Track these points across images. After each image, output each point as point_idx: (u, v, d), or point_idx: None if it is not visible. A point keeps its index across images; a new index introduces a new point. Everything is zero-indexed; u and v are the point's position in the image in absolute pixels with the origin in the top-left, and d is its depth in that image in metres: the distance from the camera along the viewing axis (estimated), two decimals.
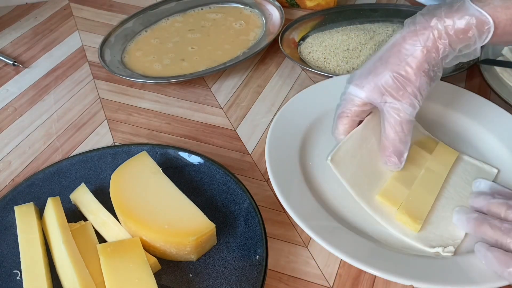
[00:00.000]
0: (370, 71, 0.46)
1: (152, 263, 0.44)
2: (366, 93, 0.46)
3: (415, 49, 0.44)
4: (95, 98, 0.68)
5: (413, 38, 0.44)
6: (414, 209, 0.47)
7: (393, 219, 0.47)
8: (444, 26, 0.43)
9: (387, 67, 0.45)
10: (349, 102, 0.47)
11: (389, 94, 0.45)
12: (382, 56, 0.46)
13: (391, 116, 0.46)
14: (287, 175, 0.50)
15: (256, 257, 0.44)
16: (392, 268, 0.42)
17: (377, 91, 0.45)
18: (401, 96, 0.45)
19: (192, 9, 0.83)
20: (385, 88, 0.45)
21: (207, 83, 0.70)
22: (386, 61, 0.45)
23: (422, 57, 0.44)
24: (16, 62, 0.73)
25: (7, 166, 0.58)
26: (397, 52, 0.45)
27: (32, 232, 0.45)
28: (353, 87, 0.47)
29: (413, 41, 0.44)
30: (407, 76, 0.44)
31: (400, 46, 0.45)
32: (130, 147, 0.54)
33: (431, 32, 0.43)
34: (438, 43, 0.43)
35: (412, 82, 0.44)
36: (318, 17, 0.79)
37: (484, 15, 0.42)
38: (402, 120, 0.45)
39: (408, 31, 0.45)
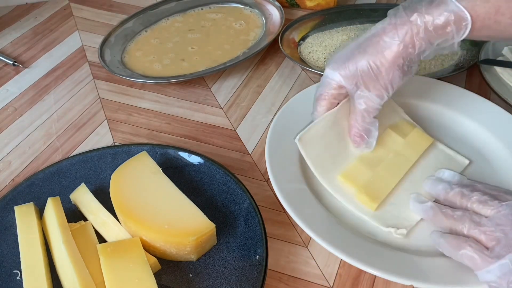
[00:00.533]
0: (348, 57, 0.47)
1: (152, 263, 0.44)
2: (341, 78, 0.47)
3: (392, 42, 0.45)
4: (95, 98, 0.68)
5: (392, 31, 0.45)
6: (373, 189, 0.48)
7: (353, 197, 0.49)
8: (423, 21, 0.44)
9: (364, 56, 0.46)
10: (326, 85, 0.49)
11: (362, 83, 0.47)
12: (361, 44, 0.47)
13: (359, 103, 0.47)
14: (287, 175, 0.50)
15: (256, 257, 0.44)
16: (392, 268, 0.42)
17: (351, 77, 0.47)
18: (372, 86, 0.46)
19: (192, 9, 0.83)
20: (359, 76, 0.46)
21: (207, 83, 0.70)
22: (364, 50, 0.46)
23: (398, 51, 0.45)
24: (16, 62, 0.73)
25: (7, 166, 0.58)
26: (376, 43, 0.46)
27: (32, 232, 0.45)
28: (330, 70, 0.48)
29: (392, 35, 0.45)
30: (381, 68, 0.46)
31: (379, 37, 0.46)
32: (130, 147, 0.54)
33: (410, 28, 0.44)
34: (416, 39, 0.44)
35: (385, 75, 0.46)
36: (318, 17, 0.79)
37: (462, 11, 0.43)
38: (369, 108, 0.47)
39: (389, 23, 0.46)
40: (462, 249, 0.40)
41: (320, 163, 0.49)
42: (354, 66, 0.46)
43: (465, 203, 0.44)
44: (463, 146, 0.55)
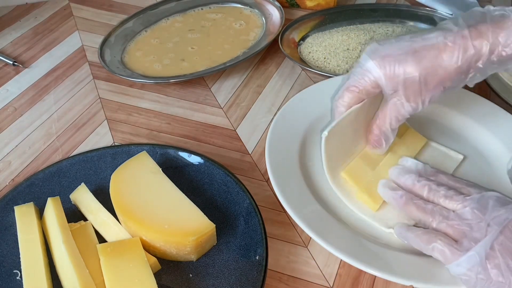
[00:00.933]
0: (398, 59, 0.44)
1: (152, 263, 0.44)
2: (383, 77, 0.44)
3: (450, 64, 0.43)
4: (95, 98, 0.68)
5: (453, 52, 0.42)
6: (375, 190, 0.48)
7: (354, 197, 0.49)
8: (487, 51, 0.42)
9: (417, 66, 0.43)
10: (363, 77, 0.45)
11: (403, 91, 0.44)
12: (417, 52, 0.43)
13: (392, 108, 0.46)
14: (287, 175, 0.50)
15: (256, 257, 0.44)
16: (392, 268, 0.42)
17: (395, 82, 0.44)
18: (412, 98, 0.45)
19: (192, 9, 0.83)
20: (403, 83, 0.44)
21: (207, 83, 0.70)
22: (420, 60, 0.43)
23: (452, 75, 0.43)
24: (16, 62, 0.73)
25: (7, 166, 0.58)
26: (433, 57, 0.43)
27: (32, 232, 0.45)
28: (373, 64, 0.44)
29: (452, 55, 0.42)
30: (429, 84, 0.44)
31: (438, 51, 0.43)
32: (130, 147, 0.54)
33: (472, 54, 0.42)
34: (472, 67, 0.43)
35: (429, 91, 0.44)
36: (318, 17, 0.79)
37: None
38: (399, 117, 0.46)
39: (452, 40, 0.43)
40: (432, 243, 0.41)
41: (332, 160, 0.49)
42: (402, 71, 0.43)
43: (432, 197, 0.44)
44: (462, 145, 0.55)
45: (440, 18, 0.78)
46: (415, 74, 0.43)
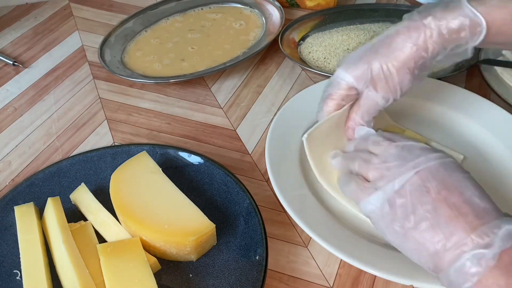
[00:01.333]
0: (360, 58, 0.47)
1: (152, 263, 0.44)
2: (352, 78, 0.47)
3: (405, 44, 0.45)
4: (95, 98, 0.68)
5: (405, 34, 0.45)
6: None
7: None
8: (437, 25, 0.44)
9: (375, 56, 0.46)
10: (336, 85, 0.48)
11: (371, 83, 0.46)
12: (374, 45, 0.47)
13: (364, 101, 0.47)
14: (287, 175, 0.50)
15: (256, 257, 0.44)
16: (392, 268, 0.42)
17: (362, 77, 0.46)
18: (380, 87, 0.46)
19: (192, 9, 0.83)
20: (369, 76, 0.46)
21: (207, 83, 0.70)
22: (376, 51, 0.46)
23: (410, 54, 0.45)
24: (16, 62, 0.73)
25: (7, 166, 0.58)
26: (388, 44, 0.46)
27: (32, 232, 0.45)
28: (341, 70, 0.48)
29: (405, 37, 0.45)
30: (391, 69, 0.45)
31: (392, 39, 0.46)
32: (130, 147, 0.54)
33: (423, 31, 0.44)
34: (429, 42, 0.44)
35: (395, 77, 0.46)
36: (318, 17, 0.79)
37: (478, 16, 0.42)
38: (371, 108, 0.47)
39: (402, 26, 0.46)
40: (348, 185, 0.43)
41: (321, 163, 0.49)
42: (365, 66, 0.46)
43: (364, 145, 0.45)
44: (463, 145, 0.55)
45: None
46: (375, 63, 0.46)
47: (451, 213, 0.36)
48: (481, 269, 0.33)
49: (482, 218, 0.35)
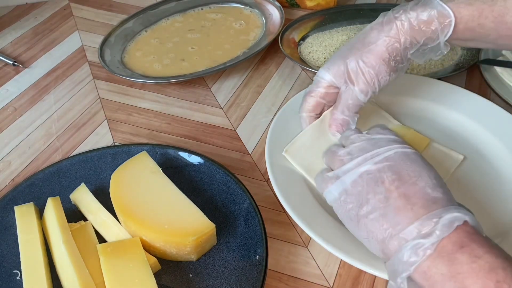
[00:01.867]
0: (339, 56, 0.49)
1: (152, 263, 0.44)
2: (331, 76, 0.49)
3: (378, 37, 0.46)
4: (95, 98, 0.68)
5: (378, 28, 0.47)
6: None
7: None
8: (407, 17, 0.45)
9: (351, 52, 0.48)
10: (316, 84, 0.50)
11: (348, 78, 0.48)
12: (351, 42, 0.49)
13: (344, 97, 0.48)
14: (287, 175, 0.50)
15: (256, 257, 0.44)
16: None
17: (340, 75, 0.48)
18: (357, 81, 0.47)
19: (192, 9, 0.83)
20: (347, 72, 0.48)
21: (207, 83, 0.70)
22: (352, 46, 0.48)
23: (384, 46, 0.46)
24: (16, 62, 0.73)
25: (7, 166, 0.58)
26: (362, 39, 0.48)
27: (32, 232, 0.45)
28: (322, 70, 0.50)
29: (378, 31, 0.47)
30: (367, 62, 0.47)
31: (367, 34, 0.48)
32: (130, 147, 0.54)
33: (395, 23, 0.46)
34: (400, 34, 0.46)
35: (371, 69, 0.47)
36: (318, 17, 0.79)
37: (445, 9, 0.44)
38: (350, 104, 0.48)
39: (376, 22, 0.48)
40: (317, 177, 0.44)
41: (313, 170, 0.49)
42: (343, 64, 0.48)
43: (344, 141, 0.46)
44: (462, 145, 0.55)
45: None
46: (351, 58, 0.47)
47: (400, 203, 0.36)
48: (418, 258, 0.34)
49: (428, 208, 0.36)
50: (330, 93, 0.50)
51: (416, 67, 0.68)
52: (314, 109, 0.51)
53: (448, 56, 0.69)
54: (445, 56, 0.69)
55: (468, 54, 0.69)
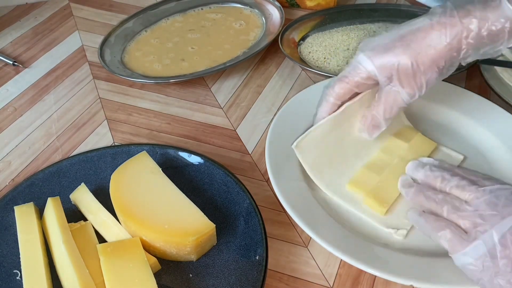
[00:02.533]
0: (387, 48, 0.44)
1: (152, 263, 0.44)
2: (375, 68, 0.44)
3: (439, 42, 0.43)
4: (95, 98, 0.68)
5: (441, 30, 0.43)
6: (382, 194, 0.48)
7: (358, 201, 0.49)
8: (477, 27, 0.42)
9: (406, 50, 0.43)
10: (354, 70, 0.46)
11: (397, 77, 0.44)
12: (404, 37, 0.44)
13: (389, 97, 0.46)
14: (287, 175, 0.50)
15: (256, 257, 0.44)
16: (392, 268, 0.42)
17: (387, 70, 0.44)
18: (406, 83, 0.44)
19: (192, 9, 0.83)
20: (396, 70, 0.44)
21: (207, 83, 0.70)
22: (408, 44, 0.44)
23: (443, 53, 0.43)
24: (16, 62, 0.73)
25: (7, 166, 0.58)
26: (421, 39, 0.43)
27: (32, 232, 0.45)
28: (364, 57, 0.45)
29: (440, 34, 0.43)
30: (421, 66, 0.43)
31: (426, 33, 0.43)
32: (130, 147, 0.54)
33: (460, 30, 0.42)
34: (463, 43, 0.43)
35: (423, 74, 0.44)
36: (318, 17, 0.79)
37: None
38: (395, 104, 0.46)
39: (438, 20, 0.43)
40: (442, 231, 0.40)
41: (318, 168, 0.49)
42: (393, 58, 0.43)
43: (444, 187, 0.44)
44: (462, 145, 0.55)
45: None
46: (405, 58, 0.43)
47: None
48: None
49: None
50: (366, 84, 0.46)
51: None
52: (343, 96, 0.47)
53: None
54: None
55: None
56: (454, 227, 0.40)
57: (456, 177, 0.43)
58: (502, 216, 0.38)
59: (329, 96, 0.48)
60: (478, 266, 0.37)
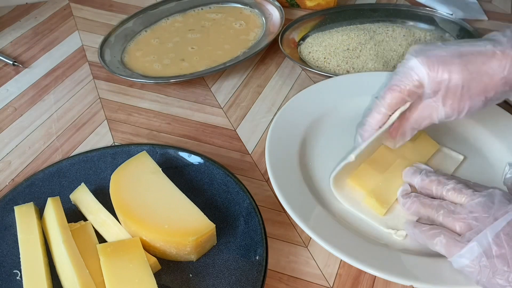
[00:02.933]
0: (443, 62, 0.42)
1: (152, 263, 0.44)
2: (427, 78, 0.42)
3: (497, 73, 0.41)
4: (95, 98, 0.68)
5: (502, 61, 0.41)
6: (383, 194, 0.48)
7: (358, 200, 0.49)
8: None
9: (461, 71, 0.42)
10: (408, 78, 0.44)
11: (442, 94, 0.43)
12: (464, 56, 0.42)
13: (426, 110, 0.45)
14: (287, 175, 0.50)
15: (256, 257, 0.44)
16: (392, 268, 0.42)
17: (436, 84, 0.43)
18: (450, 103, 0.43)
19: (192, 9, 0.83)
20: (445, 87, 0.43)
21: (207, 83, 0.70)
22: (465, 65, 0.42)
23: (497, 84, 0.42)
24: (16, 62, 0.73)
25: (7, 166, 0.58)
26: (480, 63, 0.42)
27: (32, 232, 0.45)
28: (418, 63, 0.43)
29: (500, 65, 0.41)
30: (471, 91, 0.42)
31: (487, 59, 0.42)
32: (130, 147, 0.54)
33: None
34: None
35: (469, 99, 0.43)
36: (318, 17, 0.79)
37: None
38: (429, 119, 0.45)
39: (502, 50, 0.42)
40: (437, 238, 0.41)
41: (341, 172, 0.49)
42: (447, 75, 0.42)
43: (441, 190, 0.44)
44: (462, 145, 0.55)
45: (440, 18, 0.78)
46: (458, 78, 0.42)
47: None
48: None
49: None
50: (415, 93, 0.44)
51: None
52: (395, 106, 0.45)
53: None
54: None
55: None
56: (448, 232, 0.41)
57: (453, 180, 0.44)
58: (495, 217, 0.38)
59: (381, 107, 0.46)
60: (475, 267, 0.38)
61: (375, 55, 0.68)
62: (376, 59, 0.68)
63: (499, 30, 0.44)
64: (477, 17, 0.81)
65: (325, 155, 0.54)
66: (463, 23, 0.77)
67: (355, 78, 0.63)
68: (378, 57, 0.68)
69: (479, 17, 0.81)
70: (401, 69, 0.44)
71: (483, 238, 0.37)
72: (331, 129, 0.57)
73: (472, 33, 0.74)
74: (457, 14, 0.78)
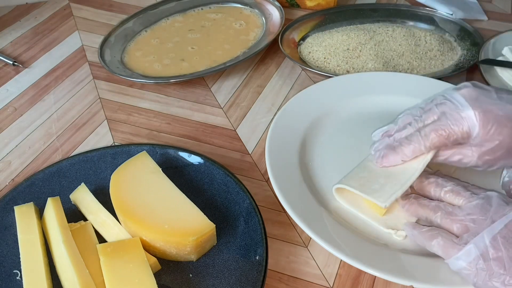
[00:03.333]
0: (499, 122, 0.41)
1: (152, 263, 0.44)
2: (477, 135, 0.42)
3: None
4: (95, 98, 0.68)
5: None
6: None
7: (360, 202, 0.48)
8: None
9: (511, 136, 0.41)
10: (458, 126, 0.42)
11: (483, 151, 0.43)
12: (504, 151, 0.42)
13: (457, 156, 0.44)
14: (287, 175, 0.50)
15: (256, 257, 0.44)
16: (392, 268, 0.42)
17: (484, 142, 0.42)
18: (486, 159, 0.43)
19: (192, 9, 0.83)
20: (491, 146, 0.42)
21: (207, 83, 0.70)
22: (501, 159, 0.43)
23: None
24: (16, 62, 0.73)
25: (7, 166, 0.58)
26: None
27: (32, 232, 0.45)
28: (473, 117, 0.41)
29: None
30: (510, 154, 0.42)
31: None
32: (130, 147, 0.54)
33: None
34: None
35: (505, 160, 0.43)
36: (318, 17, 0.79)
37: None
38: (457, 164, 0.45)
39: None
40: (434, 239, 0.41)
41: None
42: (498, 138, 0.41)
43: (439, 192, 0.44)
44: None
45: (440, 18, 0.78)
46: (507, 142, 0.41)
47: None
48: None
49: None
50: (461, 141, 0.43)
51: (416, 67, 0.68)
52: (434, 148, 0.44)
53: (448, 56, 0.69)
54: (445, 56, 0.69)
55: (468, 54, 0.69)
56: (446, 234, 0.41)
57: (451, 183, 0.44)
58: (492, 220, 0.38)
59: (421, 145, 0.44)
60: (471, 269, 0.38)
61: (375, 55, 0.68)
62: (376, 59, 0.68)
63: None
64: (477, 17, 0.81)
65: (325, 155, 0.54)
66: (463, 23, 0.77)
67: (355, 78, 0.63)
68: (378, 57, 0.68)
69: (479, 17, 0.81)
70: (454, 115, 0.43)
71: (480, 241, 0.38)
72: (331, 129, 0.57)
73: (472, 33, 0.74)
74: (457, 14, 0.78)
